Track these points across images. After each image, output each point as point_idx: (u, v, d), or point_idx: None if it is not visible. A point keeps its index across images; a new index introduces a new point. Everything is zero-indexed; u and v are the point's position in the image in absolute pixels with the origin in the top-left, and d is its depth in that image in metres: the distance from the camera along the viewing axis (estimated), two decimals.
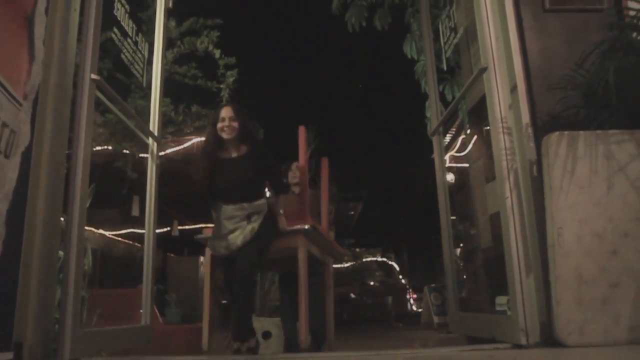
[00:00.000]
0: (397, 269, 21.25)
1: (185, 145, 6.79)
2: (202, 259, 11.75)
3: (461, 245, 3.81)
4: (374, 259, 20.27)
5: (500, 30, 2.47)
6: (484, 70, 2.35)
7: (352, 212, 15.44)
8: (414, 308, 16.61)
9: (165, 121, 5.98)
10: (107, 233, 8.47)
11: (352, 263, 18.85)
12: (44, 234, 2.08)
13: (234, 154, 2.98)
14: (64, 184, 2.18)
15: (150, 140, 3.12)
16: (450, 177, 4.42)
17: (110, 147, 6.29)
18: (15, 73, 1.92)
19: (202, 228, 4.98)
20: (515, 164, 2.28)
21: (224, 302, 4.29)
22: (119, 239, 8.94)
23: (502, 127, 2.26)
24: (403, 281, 20.64)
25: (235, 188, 2.92)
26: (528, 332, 2.08)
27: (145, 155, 6.29)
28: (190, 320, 6.89)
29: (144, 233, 3.21)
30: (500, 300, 2.43)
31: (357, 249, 19.71)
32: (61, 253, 2.18)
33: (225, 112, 2.93)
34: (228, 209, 2.89)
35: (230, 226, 2.88)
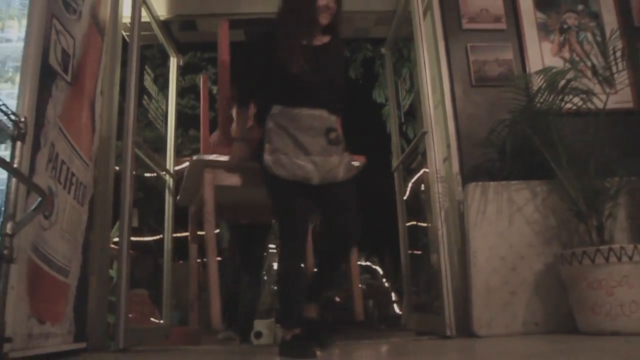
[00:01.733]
0: (381, 272, 22.02)
1: (183, 165, 7.50)
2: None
3: (420, 257, 4.62)
4: (359, 262, 21.01)
5: (439, 101, 3.29)
6: (424, 133, 3.16)
7: None
8: (397, 310, 17.36)
9: (164, 144, 6.74)
10: None
11: None
12: (99, 261, 2.86)
13: (317, 42, 2.35)
14: (112, 224, 2.95)
15: (167, 177, 3.89)
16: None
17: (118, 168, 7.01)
18: (85, 143, 2.69)
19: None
20: (447, 204, 3.09)
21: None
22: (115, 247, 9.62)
23: (437, 177, 3.07)
24: (387, 284, 21.41)
25: (320, 85, 2.25)
26: (452, 327, 2.88)
27: (148, 174, 7.02)
28: (187, 322, 7.60)
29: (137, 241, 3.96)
30: (437, 303, 3.23)
31: None
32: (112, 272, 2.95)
33: None
34: (304, 116, 2.17)
35: (308, 141, 2.14)
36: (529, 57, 3.34)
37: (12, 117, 1.74)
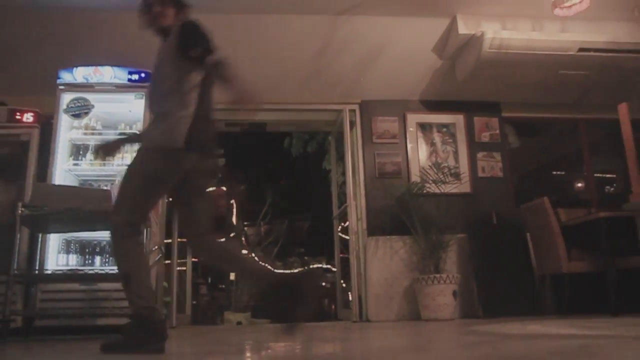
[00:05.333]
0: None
1: None
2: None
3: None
4: (320, 265, 23.43)
5: (357, 185, 5.61)
6: (346, 205, 5.47)
7: (302, 228, 18.69)
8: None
9: None
10: None
11: (301, 269, 21.88)
12: (158, 278, 5.07)
13: None
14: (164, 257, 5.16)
15: None
16: None
17: None
18: (157, 213, 4.87)
19: None
20: (358, 247, 5.41)
21: None
22: None
23: (353, 231, 5.38)
24: (344, 285, 23.78)
25: None
26: (357, 316, 5.20)
27: None
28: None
29: None
30: (351, 303, 5.55)
31: (306, 257, 22.83)
32: (165, 284, 5.17)
33: None
34: None
35: None
36: (410, 161, 5.68)
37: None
